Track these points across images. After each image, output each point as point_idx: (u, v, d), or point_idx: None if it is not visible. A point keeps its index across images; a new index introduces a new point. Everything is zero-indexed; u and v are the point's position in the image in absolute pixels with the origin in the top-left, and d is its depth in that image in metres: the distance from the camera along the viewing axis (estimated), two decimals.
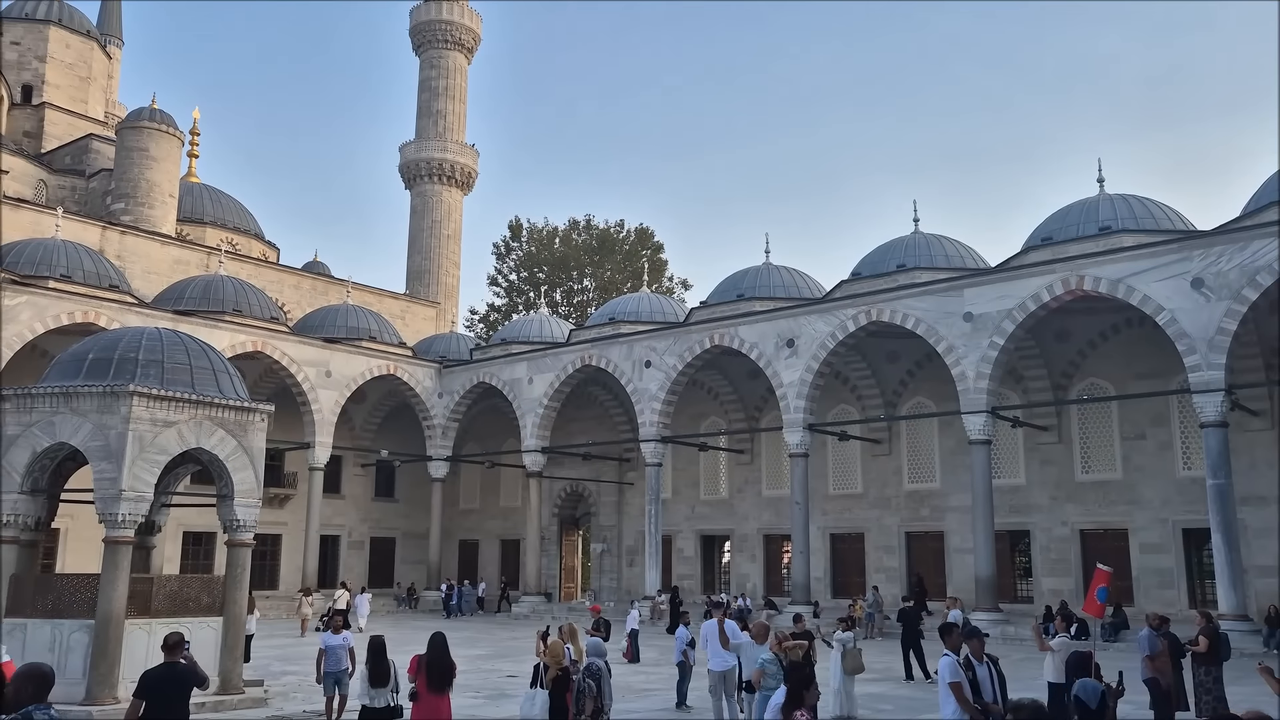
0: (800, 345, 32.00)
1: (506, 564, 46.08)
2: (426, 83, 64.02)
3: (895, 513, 35.37)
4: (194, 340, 16.76)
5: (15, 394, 15.24)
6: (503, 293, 68.79)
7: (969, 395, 28.22)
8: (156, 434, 14.91)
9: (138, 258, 41.31)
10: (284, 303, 45.08)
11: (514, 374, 40.78)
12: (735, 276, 37.75)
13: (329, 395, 39.24)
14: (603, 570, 43.30)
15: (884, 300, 30.51)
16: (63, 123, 49.76)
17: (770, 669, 10.68)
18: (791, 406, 31.98)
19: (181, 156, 46.99)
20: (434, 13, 63.65)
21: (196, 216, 49.47)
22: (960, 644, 9.20)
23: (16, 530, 15.18)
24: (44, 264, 33.34)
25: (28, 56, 50.51)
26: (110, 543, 14.54)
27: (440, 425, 43.05)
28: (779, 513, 37.38)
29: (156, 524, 17.13)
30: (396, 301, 53.11)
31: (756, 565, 38.75)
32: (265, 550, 40.15)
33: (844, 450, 36.26)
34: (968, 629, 9.61)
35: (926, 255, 32.57)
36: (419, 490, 45.45)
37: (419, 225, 62.28)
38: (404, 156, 63.40)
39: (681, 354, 35.27)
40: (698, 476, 40.95)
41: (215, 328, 35.30)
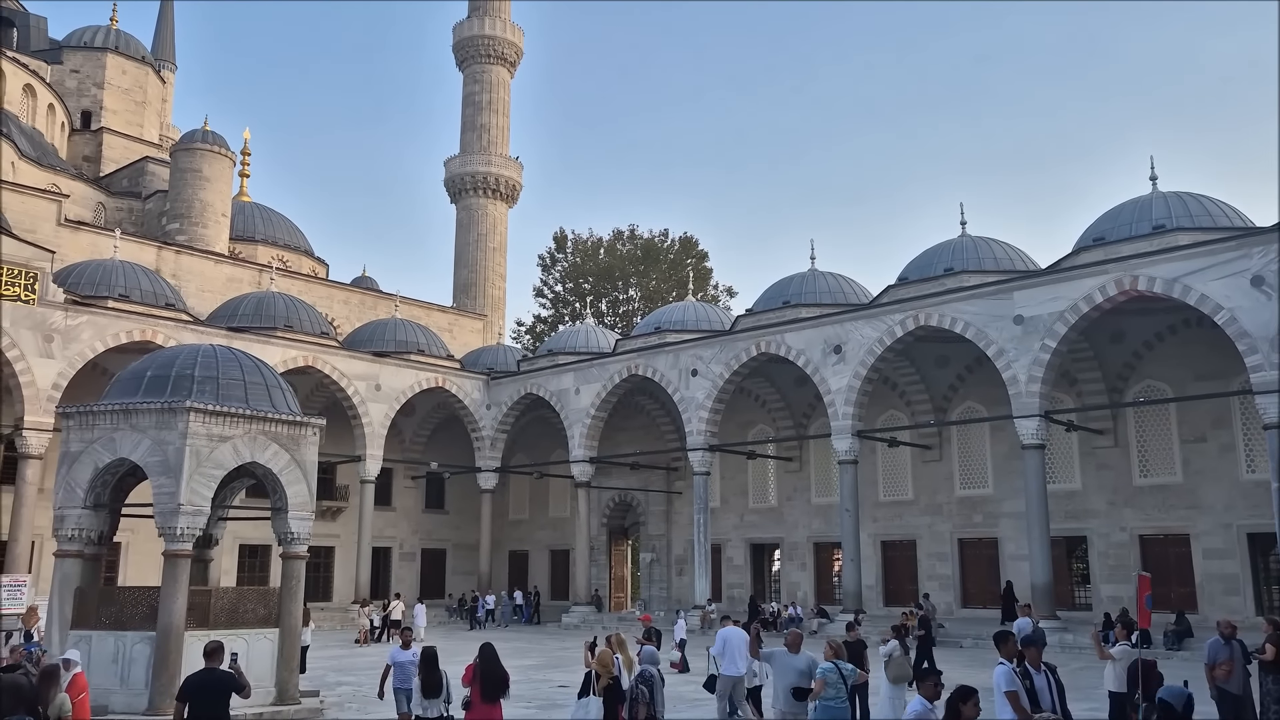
0: (848, 351, 31.75)
1: (556, 574, 46.22)
2: (470, 97, 64.71)
3: (947, 519, 34.90)
4: (247, 356, 17.04)
5: (77, 411, 15.61)
6: (548, 304, 69.18)
7: (1021, 399, 27.78)
8: (212, 449, 15.18)
9: (192, 276, 42.19)
10: (334, 318, 45.74)
11: (561, 385, 40.95)
12: (781, 283, 37.58)
13: (379, 408, 39.70)
14: (652, 580, 43.24)
15: (932, 304, 30.18)
16: (120, 146, 51.06)
17: (831, 678, 10.53)
18: (840, 413, 31.72)
19: (233, 176, 47.95)
20: (476, 28, 64.35)
21: (248, 235, 50.45)
22: (1015, 652, 9.03)
23: (80, 544, 15.52)
24: (103, 284, 34.21)
25: (86, 84, 51.94)
26: (169, 556, 14.82)
27: (489, 437, 43.34)
28: (828, 520, 37.08)
29: (214, 537, 17.42)
30: (444, 314, 53.64)
31: (807, 573, 38.45)
32: (319, 562, 40.66)
33: (894, 456, 35.87)
34: (1025, 636, 9.43)
35: (975, 258, 32.16)
36: (469, 501, 45.78)
37: (465, 239, 62.88)
38: (449, 171, 64.11)
39: (728, 362, 35.17)
40: (746, 485, 40.76)
41: (267, 344, 35.92)
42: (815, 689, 10.45)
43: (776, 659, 11.48)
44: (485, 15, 64.72)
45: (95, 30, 53.43)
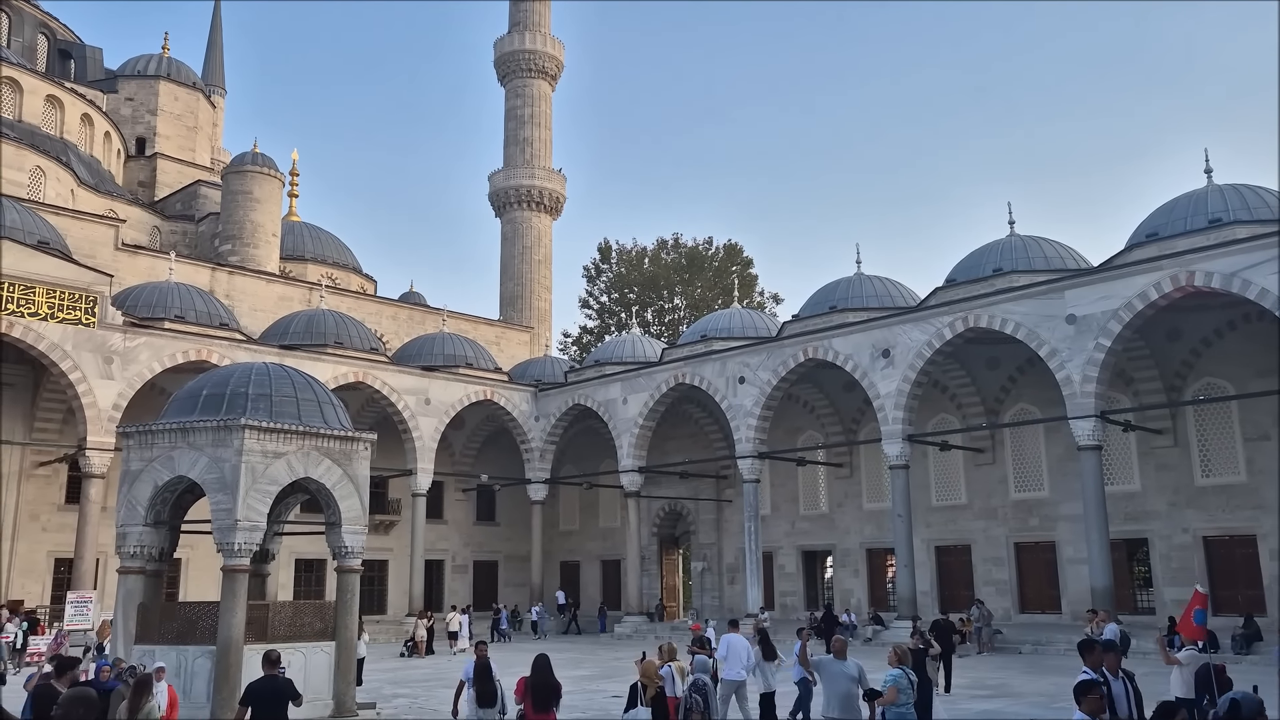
0: (896, 355, 31.43)
1: (608, 584, 46.25)
2: (512, 111, 65.25)
3: (1002, 523, 34.34)
4: (299, 373, 17.31)
5: (137, 431, 15.96)
6: (594, 315, 69.40)
7: (1076, 400, 27.27)
8: (267, 465, 15.43)
9: (245, 296, 42.98)
10: (383, 333, 46.30)
11: (608, 395, 41.02)
12: (827, 288, 37.33)
13: (429, 422, 40.07)
14: (704, 589, 43.08)
15: (981, 306, 29.77)
16: (173, 171, 52.25)
17: (902, 684, 10.47)
18: (889, 418, 31.40)
19: (282, 197, 48.80)
20: (517, 43, 64.91)
21: (298, 254, 51.30)
22: (1099, 662, 8.78)
23: (142, 561, 15.85)
24: (160, 306, 34.99)
25: (140, 111, 53.26)
26: (228, 571, 15.07)
27: (538, 448, 43.54)
28: (881, 526, 36.68)
29: (270, 552, 17.69)
30: (491, 328, 54.04)
31: (860, 580, 38.05)
32: (373, 575, 41.10)
33: (946, 460, 35.40)
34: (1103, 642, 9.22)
35: (1024, 258, 31.67)
36: (519, 513, 46.00)
37: (510, 252, 63.35)
38: (493, 185, 64.67)
39: (775, 369, 34.99)
40: (796, 492, 40.48)
41: (318, 360, 36.45)
42: (888, 696, 10.36)
43: (826, 666, 11.46)
44: (525, 30, 65.26)
45: (148, 59, 54.78)
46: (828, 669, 11.41)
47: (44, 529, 34.22)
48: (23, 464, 34.06)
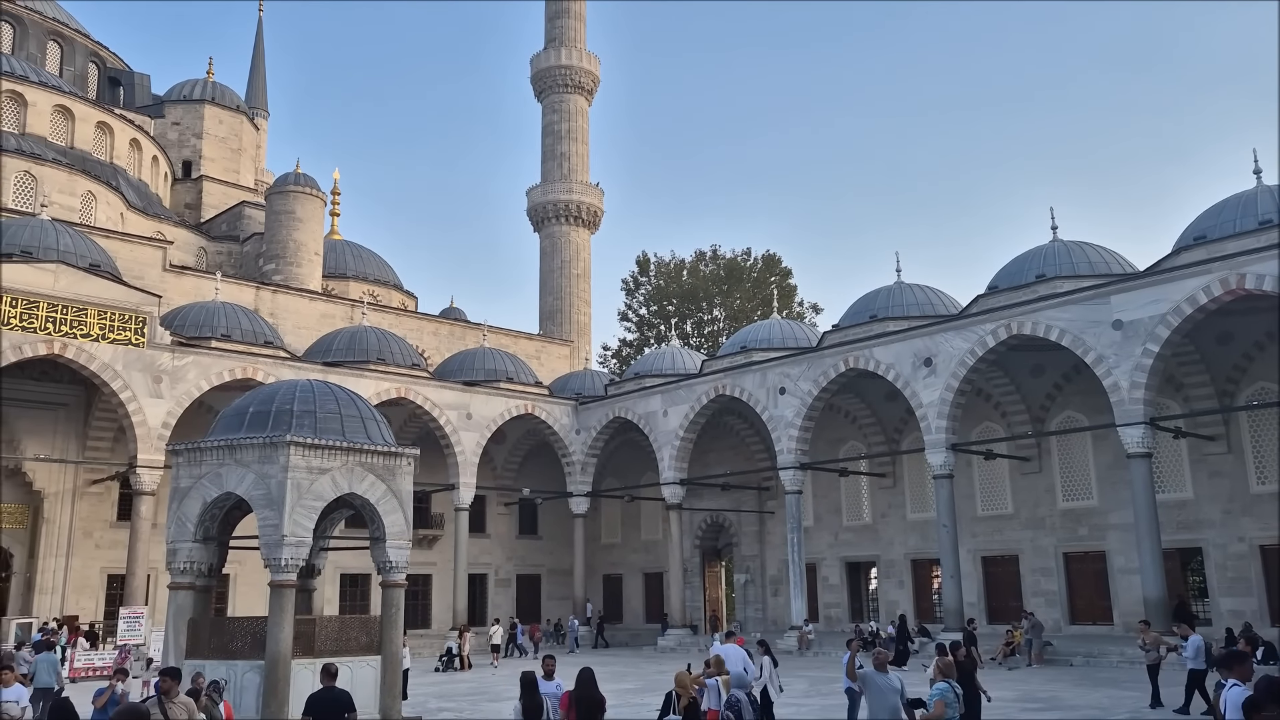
0: (938, 364, 31.11)
1: (650, 597, 46.16)
2: (549, 127, 65.69)
3: (1050, 533, 33.78)
4: (342, 390, 17.49)
5: (186, 449, 16.22)
6: (634, 327, 69.50)
7: (1124, 407, 26.79)
8: (312, 481, 15.60)
9: (288, 314, 43.62)
10: (424, 349, 46.72)
11: (649, 407, 41.03)
12: (867, 297, 37.08)
13: (470, 437, 40.32)
14: (747, 601, 42.84)
15: (1024, 313, 29.39)
16: (218, 193, 53.25)
17: (949, 698, 10.32)
18: (932, 427, 31.07)
19: (324, 216, 49.51)
20: (553, 59, 65.39)
21: (340, 271, 51.99)
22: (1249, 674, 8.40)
23: (192, 577, 16.08)
24: (206, 325, 35.62)
25: (186, 135, 54.40)
26: (275, 586, 15.23)
27: (579, 461, 43.63)
28: (925, 536, 36.26)
29: (316, 567, 17.85)
30: (531, 342, 54.32)
31: (905, 591, 37.61)
32: (417, 590, 41.36)
33: (991, 469, 34.94)
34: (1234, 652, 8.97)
35: (1068, 263, 31.22)
36: (561, 526, 46.09)
37: (549, 266, 63.68)
38: (531, 200, 65.11)
39: (816, 379, 34.79)
40: (839, 502, 40.16)
41: (361, 376, 36.85)
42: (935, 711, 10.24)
43: (870, 680, 11.41)
44: (561, 46, 65.73)
45: (194, 84, 55.95)
46: (872, 682, 11.34)
47: (97, 546, 34.89)
48: (76, 482, 34.77)
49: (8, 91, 43.12)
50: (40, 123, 43.74)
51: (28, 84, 43.76)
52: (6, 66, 44.10)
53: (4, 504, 33.98)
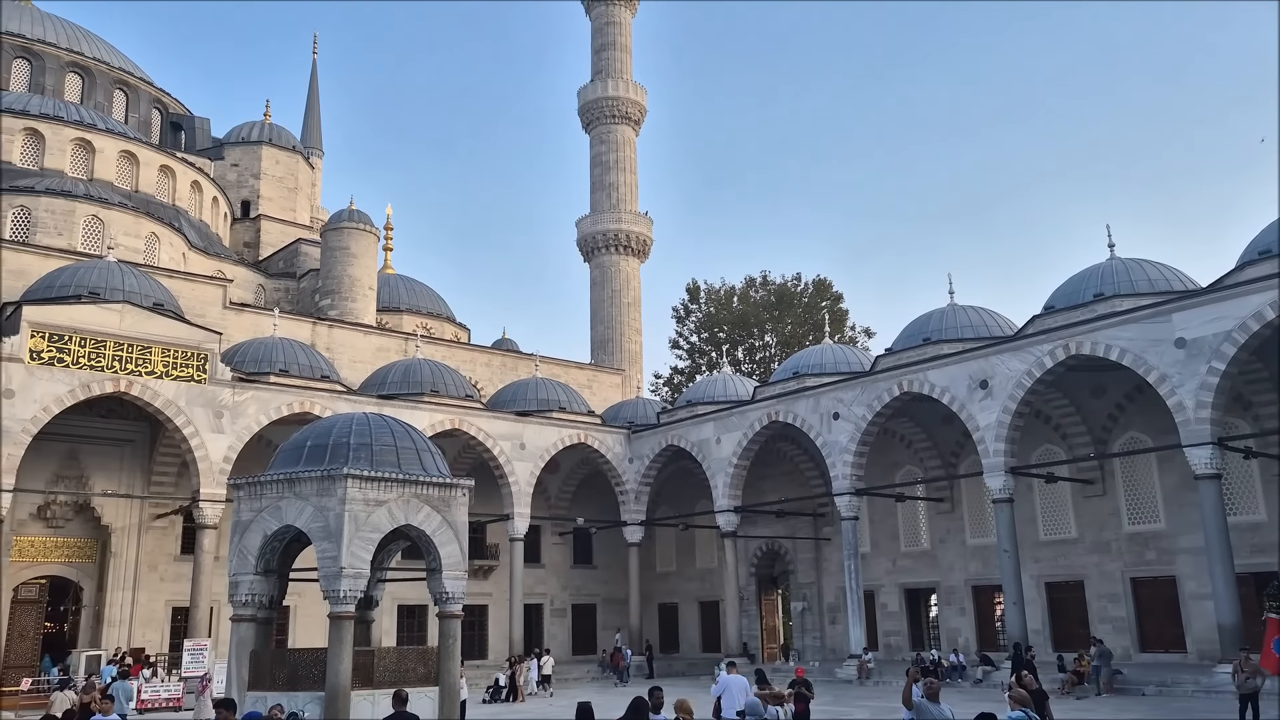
0: (994, 386, 30.62)
1: (706, 626, 45.77)
2: (597, 157, 66.30)
3: (1116, 557, 32.90)
4: (397, 422, 17.72)
5: (247, 482, 16.54)
6: (685, 355, 69.47)
7: (1190, 427, 26.10)
8: (369, 513, 15.79)
9: (344, 348, 44.33)
10: (477, 380, 47.13)
11: (701, 435, 40.90)
12: (920, 320, 36.69)
13: (524, 467, 40.49)
14: (805, 629, 42.28)
15: (1082, 332, 28.83)
16: (275, 231, 54.49)
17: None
18: (990, 450, 30.54)
19: (378, 251, 50.35)
20: (600, 91, 66.11)
21: (394, 305, 52.79)
22: None
23: (254, 609, 16.33)
24: (265, 361, 36.34)
25: (245, 175, 55.85)
26: (334, 618, 15.40)
27: (632, 490, 43.57)
28: (986, 562, 35.55)
29: (374, 599, 18.03)
30: (582, 371, 54.52)
31: (967, 619, 36.85)
32: (473, 620, 41.45)
33: (1052, 493, 34.20)
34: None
35: (1126, 281, 30.61)
36: (616, 555, 45.99)
37: (599, 296, 64.03)
38: (581, 230, 65.64)
39: (870, 403, 34.43)
40: (897, 528, 39.57)
41: (416, 409, 37.26)
42: None
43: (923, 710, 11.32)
44: (608, 78, 66.46)
45: (251, 126, 57.48)
46: (925, 712, 11.23)
47: (161, 579, 35.58)
48: (142, 517, 35.55)
49: (76, 139, 44.69)
50: (107, 168, 45.22)
51: (95, 131, 45.31)
52: (76, 115, 45.73)
53: (74, 539, 34.87)
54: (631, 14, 69.63)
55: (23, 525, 33.60)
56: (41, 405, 29.80)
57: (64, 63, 50.84)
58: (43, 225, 40.11)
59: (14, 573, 33.30)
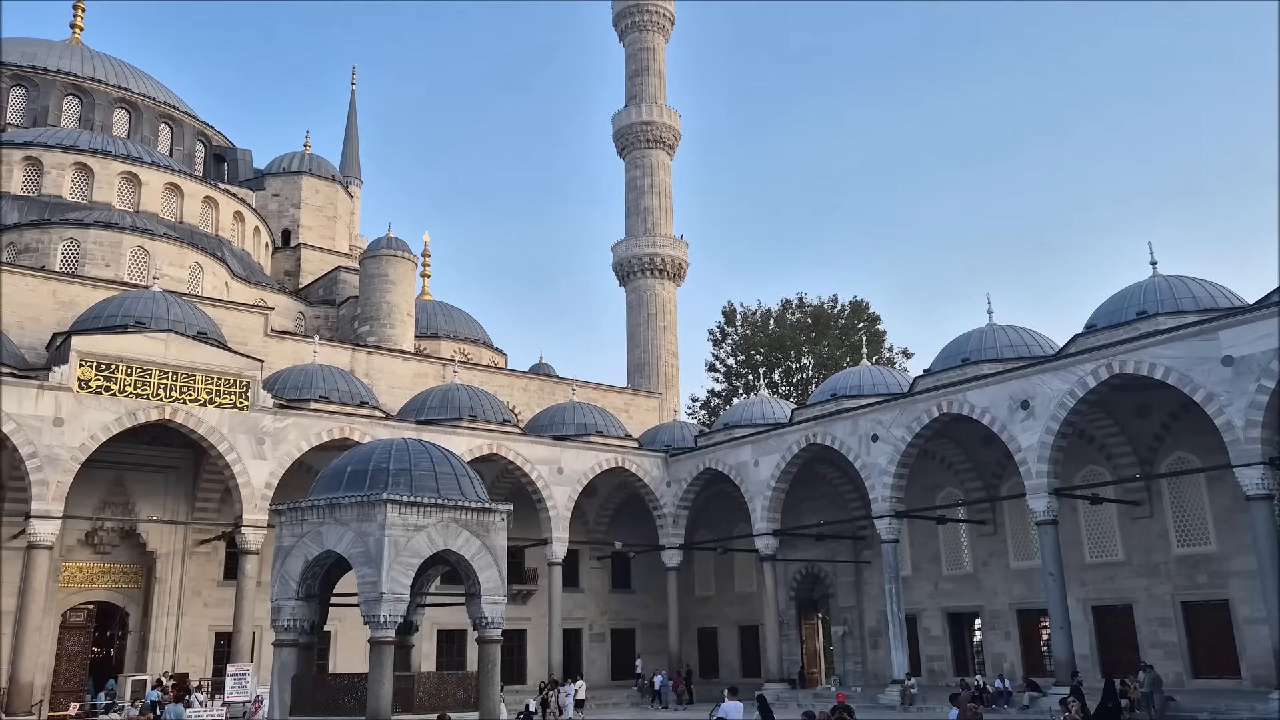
0: (1036, 406, 30.21)
1: (746, 650, 45.37)
2: (632, 182, 66.66)
3: (1166, 580, 32.18)
4: (436, 448, 17.84)
5: (288, 508, 16.72)
6: (721, 378, 69.35)
7: (1239, 446, 25.54)
8: (409, 538, 15.89)
9: (383, 374, 44.74)
10: (514, 405, 47.32)
11: (739, 458, 40.71)
12: (959, 340, 36.35)
13: (562, 491, 40.52)
14: (846, 654, 41.76)
15: (1126, 351, 28.38)
16: (315, 259, 55.29)
17: None
18: (1033, 471, 30.08)
19: (415, 278, 50.88)
20: (634, 116, 66.57)
21: (431, 331, 53.25)
22: None
23: (295, 634, 16.46)
24: (305, 387, 36.76)
25: (286, 205, 56.80)
26: (375, 643, 15.48)
27: (670, 514, 43.43)
28: (1031, 585, 34.95)
29: (414, 624, 18.10)
30: (619, 395, 54.55)
31: (1012, 643, 36.20)
32: (511, 645, 41.40)
33: (1098, 514, 33.59)
34: None
35: (1170, 299, 30.12)
36: (655, 580, 45.79)
37: (635, 320, 64.16)
38: (616, 255, 65.91)
39: (909, 425, 34.11)
40: (938, 551, 39.04)
41: (454, 434, 37.46)
42: None
43: None
44: (642, 103, 66.93)
45: (291, 156, 58.51)
46: None
47: (205, 604, 35.96)
48: (186, 542, 36.00)
49: (123, 172, 45.76)
50: (153, 200, 46.21)
51: (141, 164, 46.37)
52: (123, 149, 46.85)
53: (121, 565, 35.39)
54: (665, 40, 70.13)
55: (71, 551, 34.19)
56: (89, 433, 30.37)
57: (112, 99, 52.17)
58: (91, 257, 41.01)
59: (63, 598, 33.87)
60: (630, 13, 69.24)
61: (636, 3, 69.10)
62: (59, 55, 52.90)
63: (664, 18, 69.74)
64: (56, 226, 41.23)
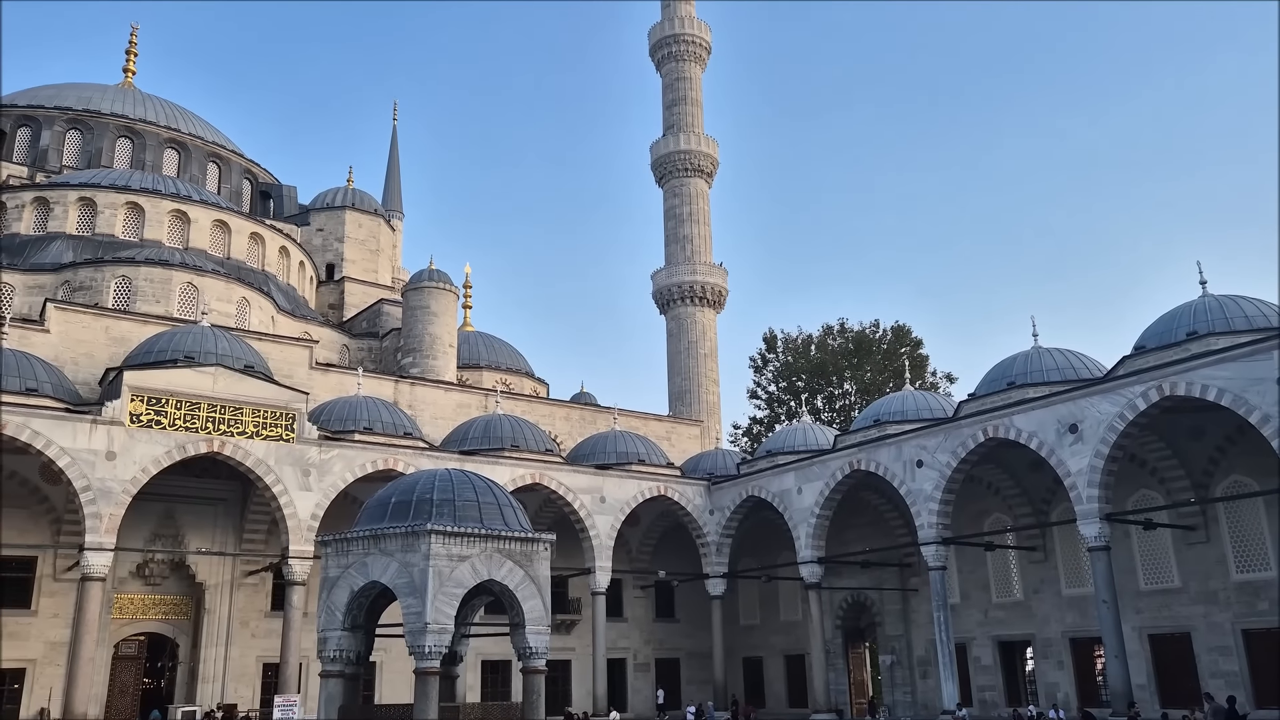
0: (1084, 430, 29.66)
1: (792, 680, 44.77)
2: (671, 211, 66.92)
3: (1225, 608, 31.29)
4: (479, 478, 17.91)
5: (334, 539, 16.85)
6: (763, 404, 68.99)
7: None
8: (453, 568, 15.93)
9: (425, 405, 45.08)
10: (556, 434, 47.41)
11: (782, 485, 40.41)
12: (1004, 364, 35.87)
13: (605, 520, 40.44)
14: (894, 684, 41.05)
15: (1176, 373, 27.82)
16: (358, 292, 56.06)
17: None
18: (1083, 496, 29.49)
19: (457, 309, 51.35)
20: (672, 145, 66.96)
21: (473, 362, 53.62)
22: None
23: (341, 665, 16.54)
24: (350, 419, 37.13)
25: (330, 240, 57.74)
26: (420, 674, 15.51)
27: (714, 542, 43.14)
28: (1084, 613, 34.17)
29: (459, 654, 18.10)
30: (661, 423, 54.46)
31: (1065, 673, 35.35)
32: (556, 676, 41.19)
33: (1152, 540, 32.81)
34: None
35: (1221, 319, 29.52)
36: (699, 609, 45.44)
37: (676, 348, 64.16)
38: (656, 284, 66.06)
39: (954, 450, 33.65)
40: (987, 578, 38.34)
41: (496, 464, 37.60)
42: None
43: None
44: (680, 132, 67.34)
45: (335, 192, 59.55)
46: None
47: (253, 635, 36.27)
48: (234, 574, 36.40)
49: (173, 211, 46.85)
50: (201, 237, 47.22)
51: (190, 203, 47.46)
52: (172, 188, 47.99)
53: (171, 596, 35.87)
54: (701, 69, 70.63)
55: (123, 583, 34.72)
56: (140, 466, 30.90)
57: (162, 139, 53.54)
58: (142, 293, 41.91)
59: (115, 630, 34.37)
60: (667, 43, 69.89)
61: (673, 33, 69.75)
62: (112, 99, 54.48)
63: (700, 47, 70.27)
64: (109, 265, 42.23)
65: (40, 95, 54.09)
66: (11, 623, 32.40)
